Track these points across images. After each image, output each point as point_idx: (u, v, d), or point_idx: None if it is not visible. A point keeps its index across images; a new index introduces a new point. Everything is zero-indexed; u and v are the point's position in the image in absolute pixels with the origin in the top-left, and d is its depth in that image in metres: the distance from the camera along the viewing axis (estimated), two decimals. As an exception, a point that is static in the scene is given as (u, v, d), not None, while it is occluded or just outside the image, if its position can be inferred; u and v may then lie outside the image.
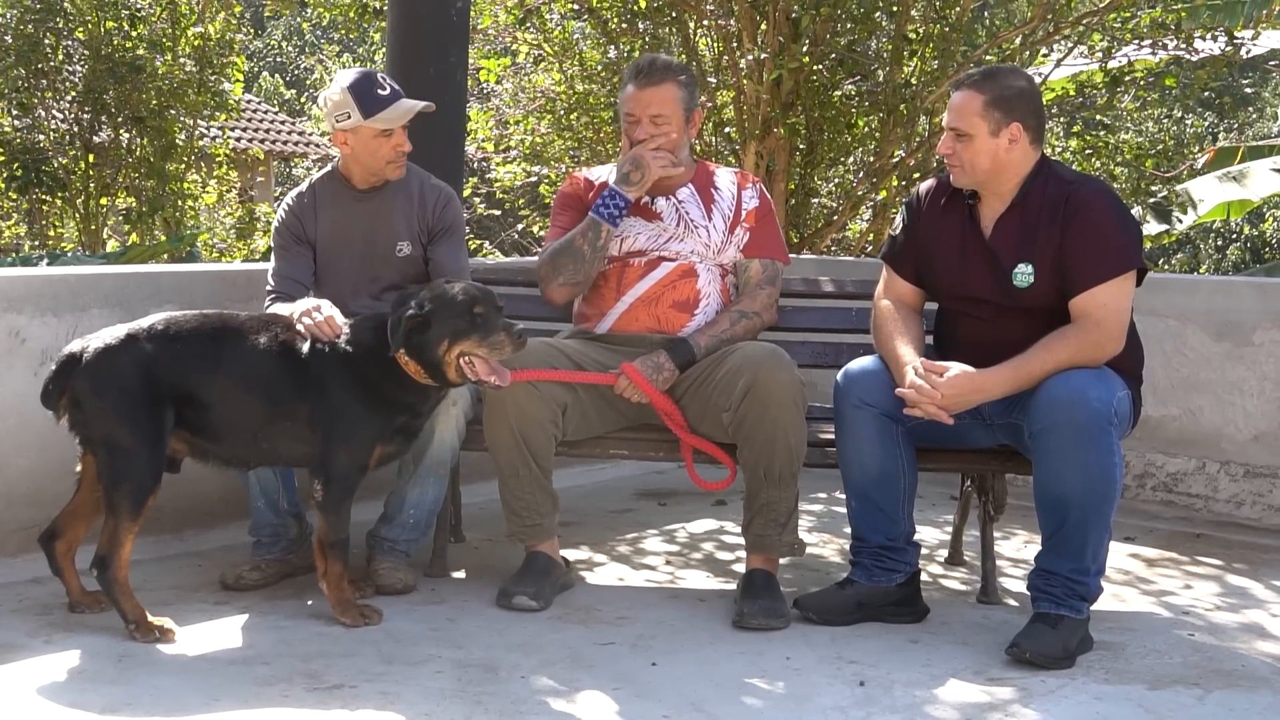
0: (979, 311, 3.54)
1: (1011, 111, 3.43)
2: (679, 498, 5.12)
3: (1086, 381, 3.28)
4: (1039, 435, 3.32)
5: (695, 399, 3.72)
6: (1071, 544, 3.33)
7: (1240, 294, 5.06)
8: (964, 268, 3.55)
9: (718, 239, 3.90)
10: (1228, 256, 21.13)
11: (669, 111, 3.80)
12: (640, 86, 3.80)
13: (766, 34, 7.73)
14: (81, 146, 12.17)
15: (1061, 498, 3.30)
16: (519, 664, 3.22)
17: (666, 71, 3.82)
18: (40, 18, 11.71)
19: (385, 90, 3.78)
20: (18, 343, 3.86)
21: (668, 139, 3.81)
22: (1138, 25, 8.04)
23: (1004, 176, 3.48)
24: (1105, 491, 3.29)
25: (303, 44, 32.12)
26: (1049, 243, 3.42)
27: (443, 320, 3.35)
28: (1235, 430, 4.94)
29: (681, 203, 3.92)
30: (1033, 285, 3.44)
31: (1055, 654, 3.27)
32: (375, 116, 3.74)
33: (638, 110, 3.80)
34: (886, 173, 8.50)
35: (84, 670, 3.12)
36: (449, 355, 3.36)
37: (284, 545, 3.83)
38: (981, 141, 3.43)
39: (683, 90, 3.83)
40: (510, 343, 3.34)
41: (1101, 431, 3.26)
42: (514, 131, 9.33)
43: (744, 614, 3.53)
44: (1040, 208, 3.45)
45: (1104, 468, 3.27)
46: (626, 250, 3.88)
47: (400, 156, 3.84)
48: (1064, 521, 3.32)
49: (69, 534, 3.48)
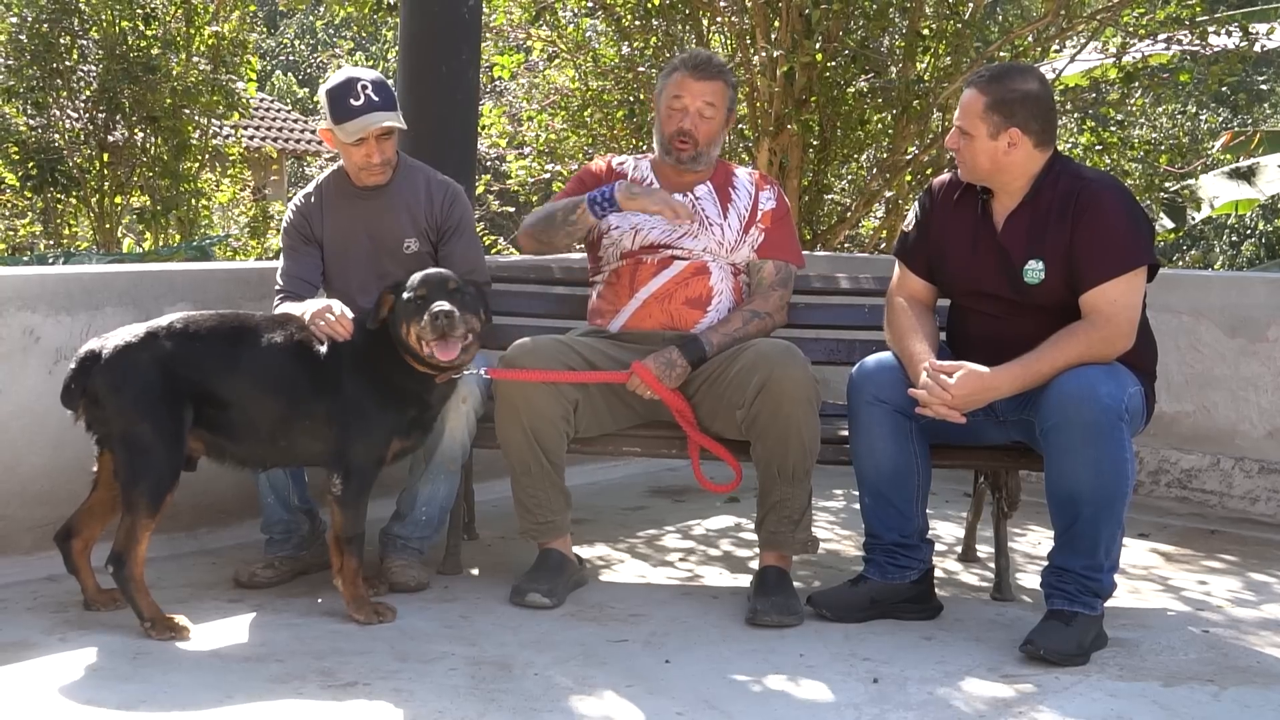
0: (990, 308, 3.53)
1: (1011, 116, 3.42)
2: (693, 494, 5.12)
3: (1097, 378, 3.27)
4: (1050, 432, 3.31)
5: (708, 396, 3.72)
6: (1084, 540, 3.31)
7: (1254, 290, 5.04)
8: (975, 264, 3.54)
9: (731, 237, 3.91)
10: (1242, 252, 21.04)
11: (717, 104, 3.87)
12: (696, 77, 3.85)
13: (780, 31, 7.71)
14: (96, 145, 12.21)
15: (1073, 494, 3.30)
16: (532, 661, 3.22)
17: (721, 70, 3.91)
18: (55, 17, 11.75)
19: (359, 100, 3.74)
20: (32, 341, 3.87)
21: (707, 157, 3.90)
22: (1151, 21, 8.00)
23: (1007, 177, 3.48)
24: (1117, 488, 3.28)
25: (315, 42, 32.17)
26: (1059, 239, 3.41)
27: (400, 302, 3.46)
28: (1250, 426, 4.92)
29: (699, 199, 3.92)
30: (1043, 282, 3.43)
31: (1069, 650, 3.26)
32: (340, 126, 3.77)
33: (689, 97, 3.85)
34: (900, 169, 8.48)
35: (99, 668, 3.13)
36: (408, 336, 3.43)
37: (296, 542, 3.84)
38: (981, 143, 3.45)
39: (730, 90, 3.93)
40: (429, 325, 3.38)
41: (1112, 428, 3.25)
42: (528, 128, 9.33)
43: (757, 611, 3.52)
44: (1050, 204, 3.45)
45: (1115, 464, 3.26)
46: (640, 244, 3.89)
47: (372, 166, 3.83)
48: (1076, 518, 3.31)
49: (85, 532, 3.50)
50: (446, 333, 3.37)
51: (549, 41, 8.72)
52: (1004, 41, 8.08)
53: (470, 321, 3.45)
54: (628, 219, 3.90)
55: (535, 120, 9.22)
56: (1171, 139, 10.48)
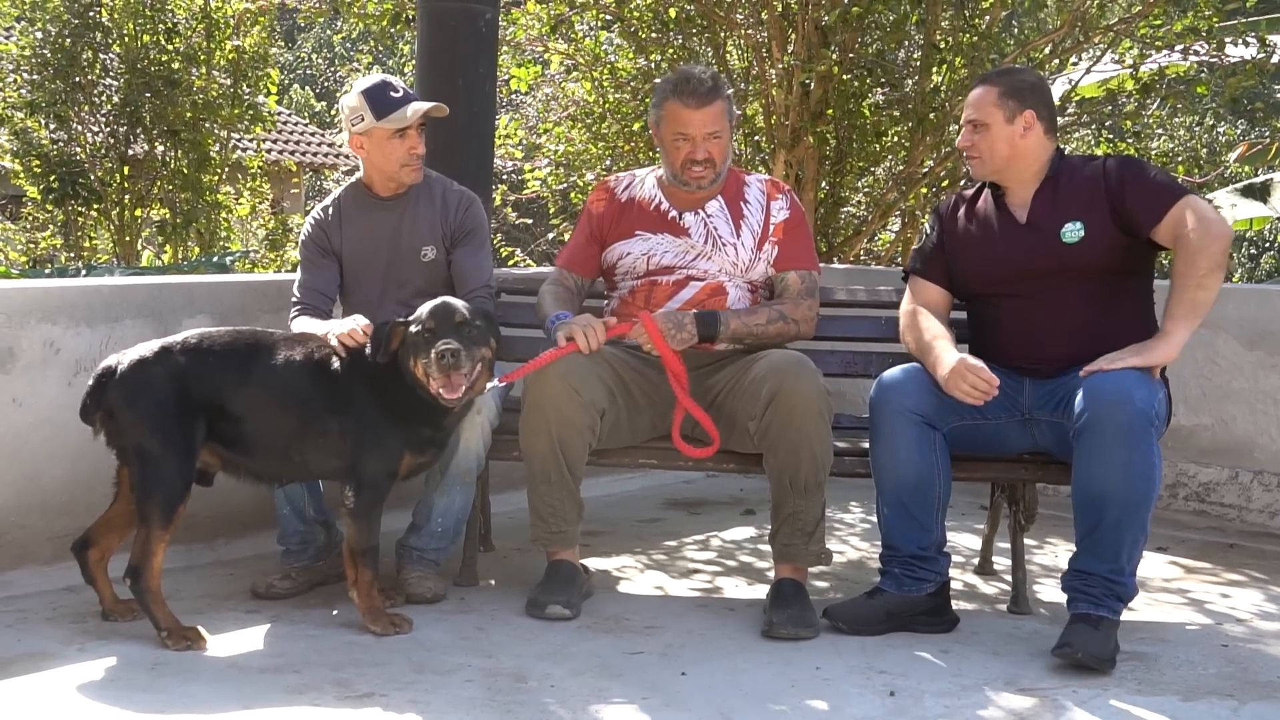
0: (1023, 289, 3.57)
1: (1025, 100, 3.60)
2: (709, 507, 5.12)
3: (1131, 382, 3.30)
4: (1083, 432, 3.32)
5: (725, 408, 3.71)
6: (1107, 544, 3.32)
7: (1273, 302, 5.02)
8: (1001, 251, 3.61)
9: (745, 257, 3.87)
10: (1261, 265, 20.95)
11: (721, 127, 3.80)
12: (694, 108, 3.76)
13: (796, 43, 7.73)
14: (117, 159, 12.29)
15: (1102, 495, 3.30)
16: (549, 673, 3.22)
17: (714, 90, 3.79)
18: (78, 32, 11.84)
19: (398, 93, 3.85)
20: (52, 353, 3.90)
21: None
22: (1168, 33, 7.99)
23: (1023, 163, 3.61)
24: (1145, 492, 3.30)
25: (332, 56, 32.32)
26: (1099, 204, 3.52)
27: (408, 335, 3.43)
28: (1268, 439, 4.89)
29: (711, 217, 3.89)
30: (1083, 239, 3.52)
31: (1105, 654, 3.28)
32: (387, 117, 3.81)
33: (694, 131, 3.77)
34: (916, 182, 8.48)
35: (117, 678, 3.14)
36: (415, 369, 3.41)
37: (313, 553, 3.85)
38: (998, 129, 3.59)
39: (728, 104, 3.84)
40: (434, 363, 3.35)
41: (1144, 431, 3.28)
42: (546, 140, 9.36)
43: (773, 623, 3.52)
44: (1075, 181, 3.59)
45: (1145, 466, 3.29)
46: (653, 267, 3.87)
47: (414, 159, 3.87)
48: (1101, 521, 3.31)
49: (103, 542, 3.52)
50: (452, 371, 3.36)
51: (566, 54, 8.75)
52: (1020, 53, 8.08)
53: (478, 354, 3.43)
54: (637, 245, 3.88)
55: (553, 132, 9.25)
56: (1189, 150, 10.43)
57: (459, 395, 3.39)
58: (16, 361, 3.83)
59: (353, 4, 8.40)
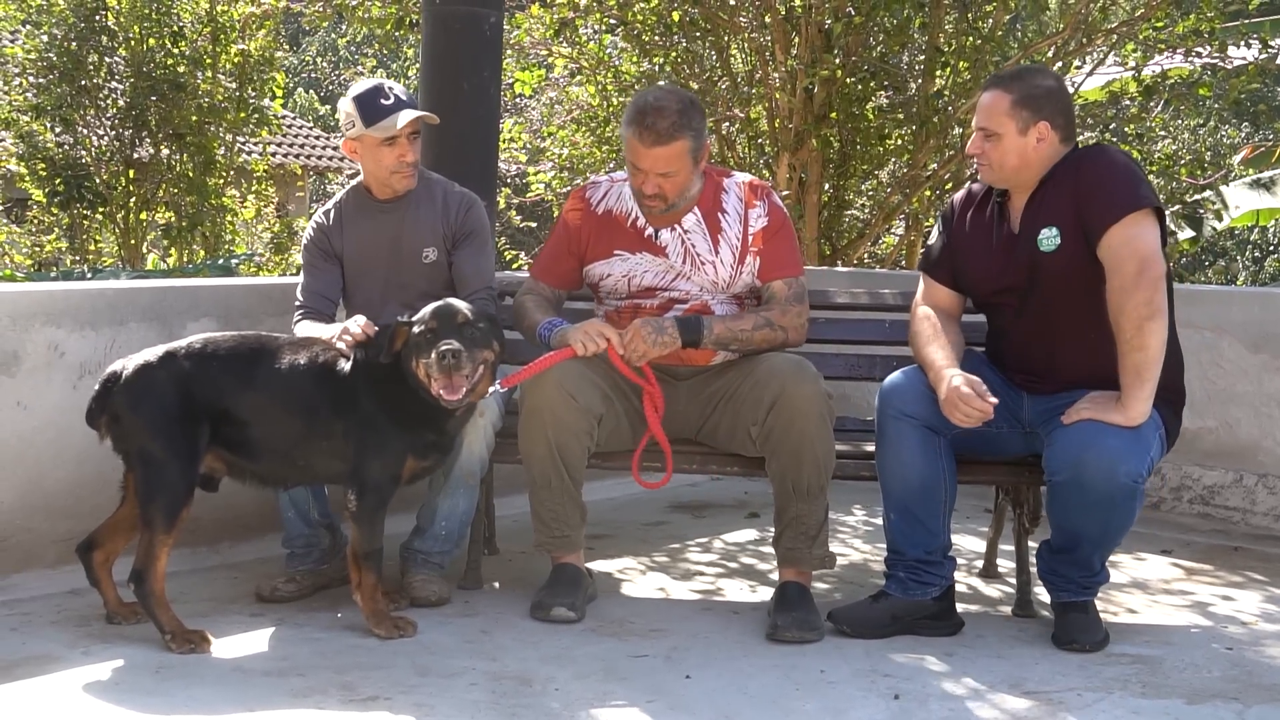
0: (1012, 302, 3.55)
1: (1039, 110, 3.44)
2: (713, 510, 5.12)
3: (1119, 453, 3.25)
4: (1059, 487, 3.36)
5: (726, 414, 3.71)
6: (1081, 562, 3.45)
7: (1277, 305, 5.01)
8: (995, 262, 3.56)
9: (726, 274, 3.76)
10: (1265, 268, 20.93)
11: (677, 168, 3.63)
12: (647, 146, 3.59)
13: (799, 47, 7.73)
14: (122, 162, 12.32)
15: (1077, 534, 3.41)
16: (553, 676, 3.23)
17: (673, 130, 3.57)
18: (84, 35, 11.87)
19: (389, 100, 3.82)
20: (56, 356, 3.90)
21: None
22: (1171, 35, 7.99)
23: (1031, 173, 3.49)
24: (1123, 531, 3.40)
25: (337, 59, 32.36)
26: (1068, 205, 3.40)
27: (410, 335, 3.43)
28: (1273, 443, 4.89)
29: (688, 233, 3.76)
30: (1060, 248, 3.40)
31: (1101, 637, 3.44)
32: (376, 125, 3.80)
33: (645, 166, 3.62)
34: (919, 184, 8.48)
35: (122, 681, 3.14)
36: (417, 370, 3.41)
37: (317, 556, 3.86)
38: (1010, 140, 3.45)
39: (691, 141, 3.62)
40: (436, 363, 3.35)
41: (1126, 499, 3.31)
42: (550, 144, 9.38)
43: (777, 627, 3.52)
44: (1064, 181, 3.43)
45: (1124, 520, 3.37)
46: (634, 289, 3.81)
47: (405, 166, 3.87)
48: (1077, 547, 3.44)
49: (107, 545, 3.53)
50: (453, 372, 3.36)
51: (570, 58, 8.76)
52: (1023, 56, 8.08)
53: (480, 356, 3.42)
54: (617, 265, 3.81)
55: (557, 135, 9.27)
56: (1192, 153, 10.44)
57: (459, 397, 3.39)
58: (21, 365, 3.84)
59: (357, 8, 8.42)
